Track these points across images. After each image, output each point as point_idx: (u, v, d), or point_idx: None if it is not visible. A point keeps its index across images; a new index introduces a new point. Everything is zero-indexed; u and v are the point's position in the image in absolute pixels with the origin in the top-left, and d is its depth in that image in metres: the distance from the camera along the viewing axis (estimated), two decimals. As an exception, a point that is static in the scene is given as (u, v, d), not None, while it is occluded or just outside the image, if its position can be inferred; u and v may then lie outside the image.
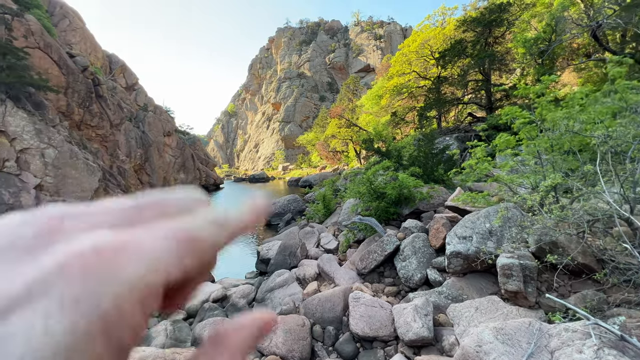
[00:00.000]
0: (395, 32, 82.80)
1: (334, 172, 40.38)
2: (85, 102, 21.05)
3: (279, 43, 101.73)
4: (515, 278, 3.62)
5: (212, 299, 6.81)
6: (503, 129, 12.84)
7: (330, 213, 13.50)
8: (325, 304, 5.51)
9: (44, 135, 15.53)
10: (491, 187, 7.96)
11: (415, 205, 8.26)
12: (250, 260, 11.13)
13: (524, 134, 5.01)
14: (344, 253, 8.52)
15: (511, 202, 4.69)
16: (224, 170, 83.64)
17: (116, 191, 19.86)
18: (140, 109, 30.75)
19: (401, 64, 24.15)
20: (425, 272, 5.72)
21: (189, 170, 34.09)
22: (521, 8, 15.42)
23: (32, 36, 18.10)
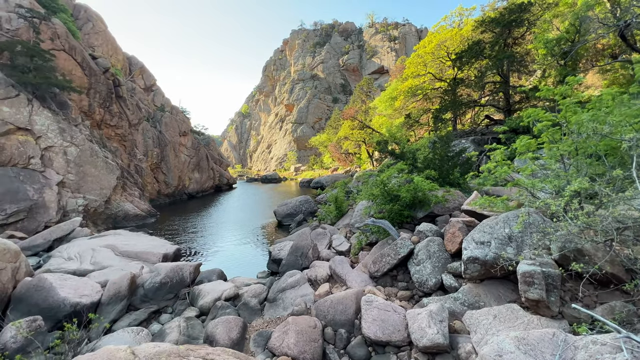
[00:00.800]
0: (410, 34, 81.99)
1: (346, 173, 40.23)
2: (105, 103, 21.75)
3: (293, 45, 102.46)
4: (537, 286, 3.47)
5: (225, 298, 6.85)
6: (522, 131, 12.49)
7: (342, 215, 13.44)
8: (337, 306, 5.46)
9: (67, 134, 16.12)
10: (510, 192, 7.73)
11: (430, 208, 8.10)
12: (262, 260, 11.18)
13: (547, 136, 4.82)
14: (356, 255, 8.44)
15: (532, 207, 4.52)
16: (236, 171, 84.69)
17: (133, 189, 20.41)
18: (158, 109, 31.52)
19: (416, 65, 23.84)
20: (440, 277, 5.58)
21: (203, 170, 34.66)
22: (543, 8, 14.94)
23: (58, 39, 18.86)
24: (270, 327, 5.77)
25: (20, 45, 15.52)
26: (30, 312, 5.90)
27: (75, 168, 15.84)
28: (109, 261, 8.94)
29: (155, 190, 26.73)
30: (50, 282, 6.33)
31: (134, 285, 7.14)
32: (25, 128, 14.76)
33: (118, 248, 9.90)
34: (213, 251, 12.68)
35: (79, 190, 15.66)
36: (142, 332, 5.32)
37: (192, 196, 31.88)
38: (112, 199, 17.36)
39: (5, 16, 16.78)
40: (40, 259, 10.11)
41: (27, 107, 15.10)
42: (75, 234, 12.17)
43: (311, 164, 66.07)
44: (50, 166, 15.04)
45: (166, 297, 7.29)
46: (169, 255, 10.11)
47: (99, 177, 16.73)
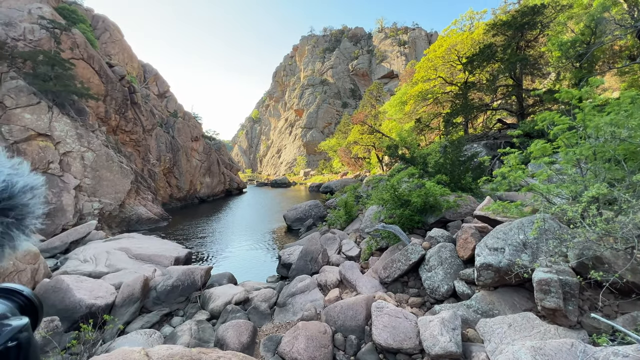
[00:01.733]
0: (420, 38, 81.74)
1: (355, 178, 40.11)
2: (121, 109, 22.41)
3: (302, 51, 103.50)
4: (553, 294, 3.37)
5: (235, 301, 6.90)
6: (536, 135, 12.23)
7: (351, 219, 13.38)
8: (347, 311, 5.42)
9: (84, 139, 16.65)
10: (524, 197, 7.56)
11: (441, 214, 7.99)
12: (272, 264, 11.22)
13: (563, 140, 4.72)
14: (366, 261, 8.38)
15: (548, 213, 4.41)
16: (247, 175, 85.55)
17: (146, 193, 20.85)
18: (171, 115, 32.24)
19: (426, 69, 23.73)
20: (452, 284, 5.48)
21: (214, 174, 35.15)
22: (556, 10, 14.69)
23: (77, 48, 19.60)
24: (280, 331, 5.77)
25: (42, 55, 16.20)
26: (47, 313, 6.07)
27: (91, 172, 16.32)
28: (123, 264, 9.13)
29: (167, 194, 27.24)
30: (67, 284, 6.50)
31: (146, 287, 7.26)
32: (45, 134, 15.32)
33: (132, 251, 10.11)
34: (223, 255, 12.80)
35: (94, 194, 16.11)
36: (155, 335, 5.40)
37: (203, 200, 32.32)
38: (126, 203, 17.78)
39: (29, 27, 17.56)
40: (57, 261, 10.41)
41: (48, 113, 15.69)
42: (91, 237, 12.48)
43: (320, 168, 66.20)
44: (68, 171, 15.53)
45: (178, 300, 7.39)
46: (180, 258, 10.26)
47: (114, 181, 17.18)
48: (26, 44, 17.18)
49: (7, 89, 14.81)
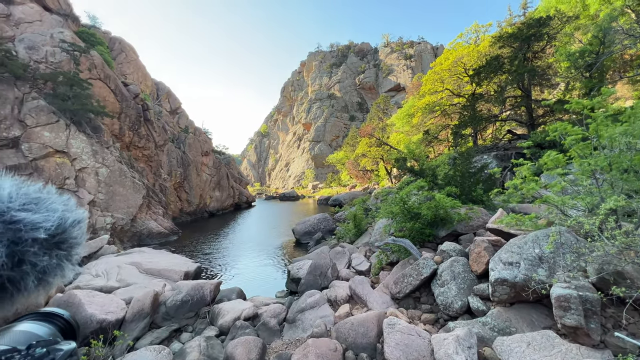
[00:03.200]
0: (425, 51, 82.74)
1: (364, 191, 39.95)
2: (135, 126, 23.12)
3: (310, 66, 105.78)
4: (574, 311, 3.23)
5: (244, 317, 6.82)
6: (548, 146, 12.04)
7: (361, 233, 13.25)
8: (358, 328, 5.29)
9: (99, 155, 17.16)
10: (538, 209, 7.37)
11: (452, 226, 7.85)
12: (281, 278, 11.11)
13: (576, 151, 4.63)
14: (376, 275, 8.23)
15: (564, 226, 4.28)
16: (255, 189, 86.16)
17: (157, 207, 21.16)
18: (182, 130, 33.06)
19: (433, 82, 23.88)
20: (466, 300, 5.32)
21: (224, 189, 35.54)
22: (562, 21, 14.74)
23: (95, 69, 20.51)
24: (289, 349, 5.65)
25: (62, 76, 16.99)
26: (59, 328, 6.12)
27: (105, 188, 16.71)
28: (134, 278, 9.19)
29: (177, 209, 27.58)
30: (79, 299, 6.57)
31: (156, 303, 7.27)
32: (63, 151, 15.87)
33: (142, 265, 10.19)
34: (232, 269, 12.76)
35: (107, 209, 16.44)
36: (164, 351, 5.36)
37: (213, 214, 32.57)
38: (137, 217, 18.05)
39: (50, 50, 18.52)
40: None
41: (65, 131, 16.30)
42: (103, 251, 12.66)
43: (329, 181, 66.25)
44: (83, 186, 15.96)
45: (187, 316, 7.35)
46: (190, 273, 10.27)
47: (126, 196, 17.53)
48: (47, 66, 18.07)
49: (29, 109, 15.50)
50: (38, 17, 20.18)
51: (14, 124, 14.86)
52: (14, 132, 14.65)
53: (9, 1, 19.03)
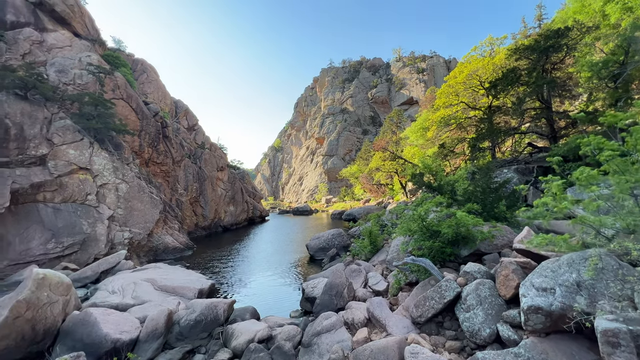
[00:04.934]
0: (438, 65, 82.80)
1: (378, 205, 39.36)
2: (154, 142, 23.85)
3: (323, 82, 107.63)
4: (624, 348, 2.89)
5: (258, 339, 6.60)
6: (572, 159, 11.49)
7: (377, 250, 12.88)
8: (379, 356, 4.99)
9: (120, 172, 17.68)
10: (566, 227, 6.91)
11: (475, 246, 7.46)
12: (295, 297, 10.84)
13: (613, 166, 4.32)
14: (394, 296, 7.88)
15: (604, 249, 3.94)
16: (269, 203, 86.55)
17: (173, 222, 21.44)
18: (199, 147, 33.86)
19: (447, 95, 23.64)
20: (495, 327, 4.94)
21: (238, 203, 35.82)
22: (582, 32, 14.36)
23: (118, 89, 21.48)
24: (305, 376, 5.38)
25: (88, 97, 17.85)
26: (74, 347, 6.09)
27: (124, 203, 17.11)
28: (149, 295, 9.17)
29: (193, 223, 27.88)
30: (95, 317, 6.55)
31: (170, 322, 7.17)
32: (86, 167, 16.44)
33: (157, 282, 10.18)
34: (246, 286, 12.59)
35: (125, 224, 16.75)
36: (176, 376, 5.20)
37: (227, 229, 32.74)
38: (154, 232, 18.30)
39: (78, 73, 19.58)
40: (87, 291, 10.66)
41: (89, 149, 16.94)
42: (120, 267, 12.80)
43: (342, 195, 65.83)
44: (103, 202, 16.39)
45: (200, 336, 7.20)
46: (204, 290, 10.18)
47: (144, 211, 17.86)
48: (75, 88, 19.07)
49: (56, 128, 16.26)
50: (68, 42, 21.49)
51: (42, 142, 15.57)
52: (41, 150, 15.34)
53: (42, 29, 20.40)
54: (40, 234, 13.64)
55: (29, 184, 13.98)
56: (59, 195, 15.06)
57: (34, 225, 13.73)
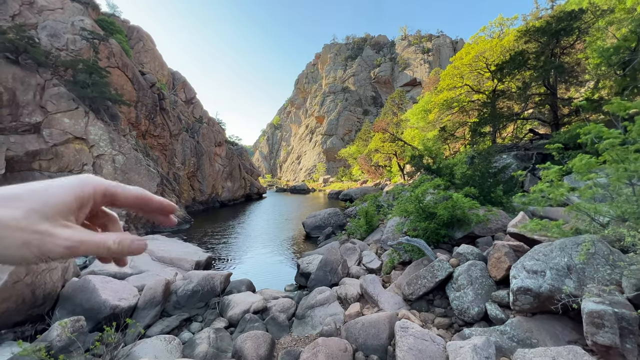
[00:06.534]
0: (444, 45, 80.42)
1: (375, 186, 39.55)
2: (150, 114, 23.40)
3: (325, 58, 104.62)
4: (608, 329, 3.00)
5: (253, 310, 6.81)
6: (572, 147, 11.45)
7: (372, 230, 13.06)
8: (369, 329, 5.17)
9: (116, 143, 17.46)
10: (560, 213, 7.00)
11: (469, 228, 7.57)
12: (290, 272, 11.10)
13: (612, 155, 4.30)
14: (387, 274, 8.07)
15: (597, 235, 4.00)
16: (267, 180, 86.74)
17: (171, 196, 21.49)
18: (196, 120, 33.34)
19: (452, 77, 23.13)
20: (483, 306, 5.10)
21: (236, 179, 35.83)
22: (596, 15, 13.86)
23: (113, 57, 20.75)
24: (298, 345, 5.59)
25: (81, 64, 17.26)
26: (74, 312, 6.25)
27: (121, 175, 17.03)
28: (146, 266, 9.34)
29: (190, 198, 27.99)
30: (93, 284, 6.68)
31: (168, 291, 7.34)
32: (82, 137, 16.21)
33: (155, 253, 10.34)
34: (242, 260, 12.84)
35: (123, 196, 16.75)
36: (174, 341, 5.39)
37: (224, 204, 32.95)
38: (151, 205, 18.36)
39: (71, 38, 18.81)
40: (86, 259, 10.82)
41: (84, 118, 16.62)
42: (117, 237, 12.92)
43: (340, 175, 65.96)
44: (100, 172, 16.30)
45: (197, 306, 7.41)
46: (201, 262, 10.37)
47: (141, 183, 17.82)
48: (68, 54, 18.39)
49: (50, 95, 15.84)
50: (60, 4, 20.49)
51: (36, 109, 15.22)
52: (35, 118, 15.02)
53: (32, -12, 19.35)
54: (37, 202, 13.64)
55: (24, 151, 13.81)
56: (55, 164, 14.93)
57: (30, 194, 13.70)
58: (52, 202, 0.45)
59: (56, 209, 0.45)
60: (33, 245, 0.42)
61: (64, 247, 0.44)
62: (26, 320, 6.29)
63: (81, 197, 0.48)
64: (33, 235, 0.42)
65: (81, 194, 0.48)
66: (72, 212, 0.47)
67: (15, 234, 0.41)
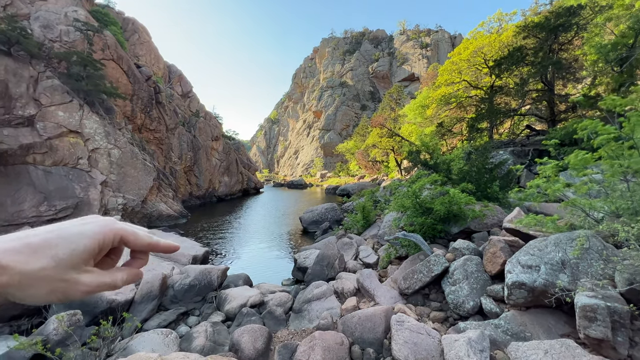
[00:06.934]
0: (443, 40, 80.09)
1: (372, 182, 39.64)
2: (146, 108, 23.16)
3: (323, 53, 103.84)
4: (600, 323, 3.05)
5: (250, 304, 6.84)
6: (568, 143, 11.51)
7: (369, 225, 13.11)
8: (366, 323, 5.22)
9: (112, 137, 17.28)
10: (555, 209, 7.06)
11: (466, 224, 7.63)
12: (287, 266, 11.14)
13: (607, 151, 4.33)
14: (384, 269, 8.13)
15: (591, 231, 4.04)
16: (264, 175, 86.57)
17: (167, 190, 21.39)
18: (193, 114, 33.06)
19: (450, 72, 23.07)
20: (478, 300, 5.16)
21: (233, 174, 35.71)
22: (595, 11, 13.83)
23: (108, 49, 20.44)
24: (295, 339, 5.64)
25: (75, 56, 16.98)
26: (70, 306, 6.23)
27: (117, 169, 16.90)
28: (143, 260, 9.31)
29: (187, 192, 27.89)
30: (89, 278, 6.66)
31: (165, 285, 7.34)
32: (76, 131, 16.02)
33: (152, 247, 10.30)
34: (239, 255, 12.86)
35: (119, 190, 16.66)
36: (171, 335, 5.41)
37: (221, 199, 32.87)
38: (148, 199, 18.29)
39: (64, 29, 18.47)
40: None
41: (79, 112, 16.41)
42: (114, 232, 12.87)
43: (337, 170, 65.98)
44: (95, 166, 16.16)
45: (194, 300, 7.42)
46: (198, 257, 10.37)
47: (137, 178, 17.72)
48: (62, 45, 18.07)
49: (43, 88, 15.60)
50: (52, -6, 20.05)
51: (30, 102, 15.00)
52: (29, 111, 14.81)
53: (24, -23, 18.91)
54: (32, 196, 13.52)
55: (18, 145, 13.64)
56: (50, 158, 14.77)
57: (25, 187, 13.57)
58: (79, 251, 0.48)
59: (82, 257, 0.49)
60: (59, 292, 0.46)
61: (84, 292, 0.49)
62: (22, 314, 6.28)
63: (103, 244, 0.52)
64: (60, 284, 0.46)
65: (103, 241, 0.52)
66: (93, 257, 0.52)
67: (43, 283, 0.44)
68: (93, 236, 0.50)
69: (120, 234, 0.55)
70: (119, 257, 0.62)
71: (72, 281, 0.47)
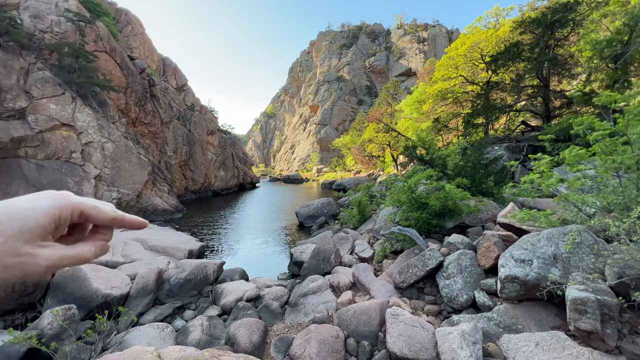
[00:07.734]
0: (440, 35, 79.80)
1: (368, 177, 39.73)
2: (141, 101, 22.85)
3: (319, 46, 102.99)
4: (590, 315, 3.11)
5: (246, 298, 6.87)
6: (563, 139, 11.62)
7: (365, 219, 13.18)
8: (361, 316, 5.27)
9: (105, 130, 17.05)
10: (549, 204, 7.15)
11: (460, 218, 7.69)
12: (283, 261, 11.18)
13: (601, 147, 4.38)
14: (379, 263, 8.19)
15: (583, 225, 4.10)
16: (260, 170, 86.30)
17: (163, 185, 21.25)
18: (188, 108, 32.71)
19: (447, 67, 23.06)
20: (472, 294, 5.24)
21: (228, 168, 35.54)
22: (591, 7, 13.86)
23: (100, 41, 20.05)
24: (291, 332, 5.69)
25: (67, 47, 16.63)
26: (65, 300, 6.21)
27: (111, 163, 16.72)
28: (138, 254, 9.28)
29: (182, 187, 27.73)
30: (84, 273, 6.63)
31: (160, 280, 7.34)
32: (69, 124, 15.78)
33: (147, 242, 10.28)
34: (235, 249, 12.87)
35: (113, 184, 16.51)
36: (167, 329, 5.42)
37: (217, 193, 32.75)
38: (143, 194, 18.16)
39: (55, 20, 18.06)
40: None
41: (71, 104, 16.14)
42: (108, 226, 12.78)
43: (333, 165, 65.99)
44: (89, 160, 15.97)
45: (190, 294, 7.43)
46: (194, 251, 10.36)
47: (132, 172, 17.55)
48: (53, 36, 17.68)
49: (34, 80, 15.30)
50: (42, -17, 19.53)
51: (20, 94, 14.71)
52: (20, 103, 14.53)
53: (12, -35, 18.38)
54: (24, 190, 13.34)
55: (9, 138, 13.40)
56: (42, 151, 14.55)
57: (17, 181, 13.39)
58: (29, 226, 0.46)
59: (33, 232, 0.46)
60: (14, 268, 0.44)
61: (45, 265, 0.47)
62: (16, 308, 6.24)
63: (57, 218, 0.50)
64: (14, 259, 0.44)
65: (59, 216, 0.50)
66: (49, 232, 0.49)
67: None
68: (46, 210, 0.48)
69: (80, 209, 0.53)
70: (84, 235, 0.60)
71: (28, 255, 0.45)
